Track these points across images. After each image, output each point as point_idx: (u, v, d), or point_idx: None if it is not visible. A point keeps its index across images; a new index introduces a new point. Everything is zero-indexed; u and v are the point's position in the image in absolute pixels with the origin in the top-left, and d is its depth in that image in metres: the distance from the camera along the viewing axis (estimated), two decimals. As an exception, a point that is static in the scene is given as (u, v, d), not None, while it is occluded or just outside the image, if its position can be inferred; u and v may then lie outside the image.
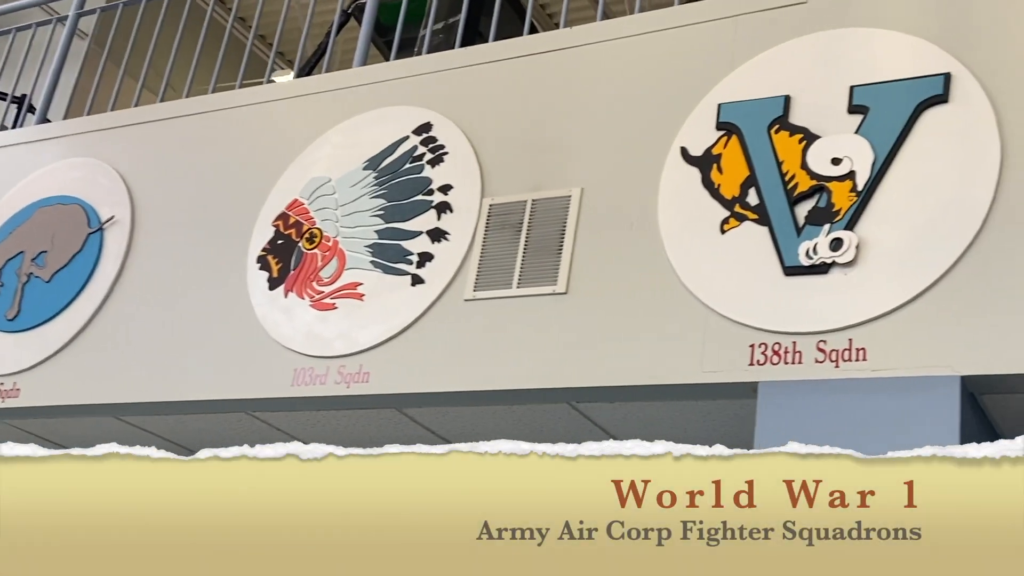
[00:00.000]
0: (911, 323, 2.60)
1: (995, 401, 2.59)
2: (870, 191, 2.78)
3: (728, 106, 3.09)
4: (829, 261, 2.74)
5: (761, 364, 2.74)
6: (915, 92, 2.83)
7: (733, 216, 2.95)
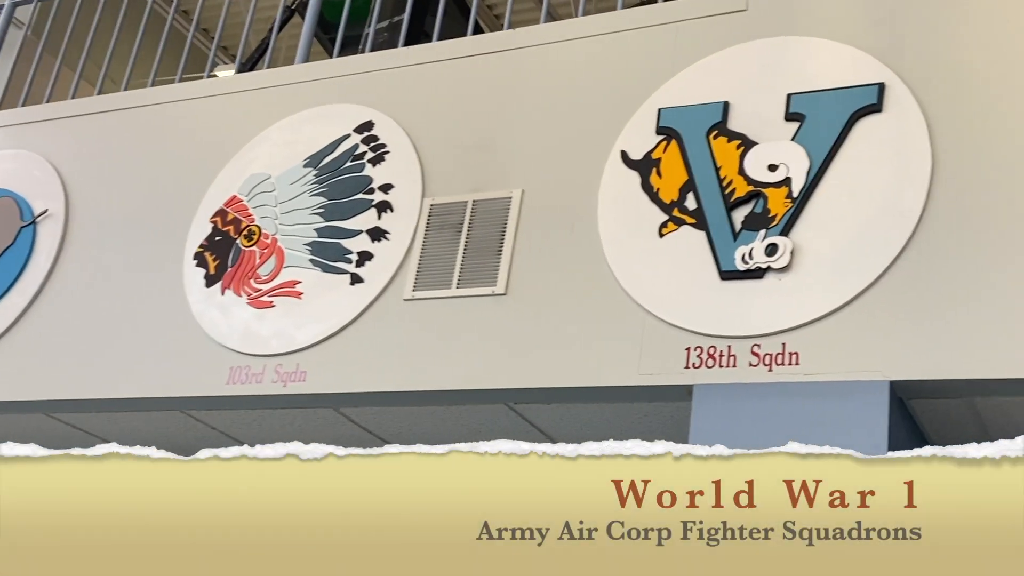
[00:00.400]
0: (843, 328, 2.65)
1: (922, 406, 2.64)
2: (805, 198, 2.82)
3: (668, 111, 3.12)
4: (764, 266, 2.78)
5: (696, 367, 2.77)
6: (850, 101, 2.87)
7: (671, 220, 2.97)
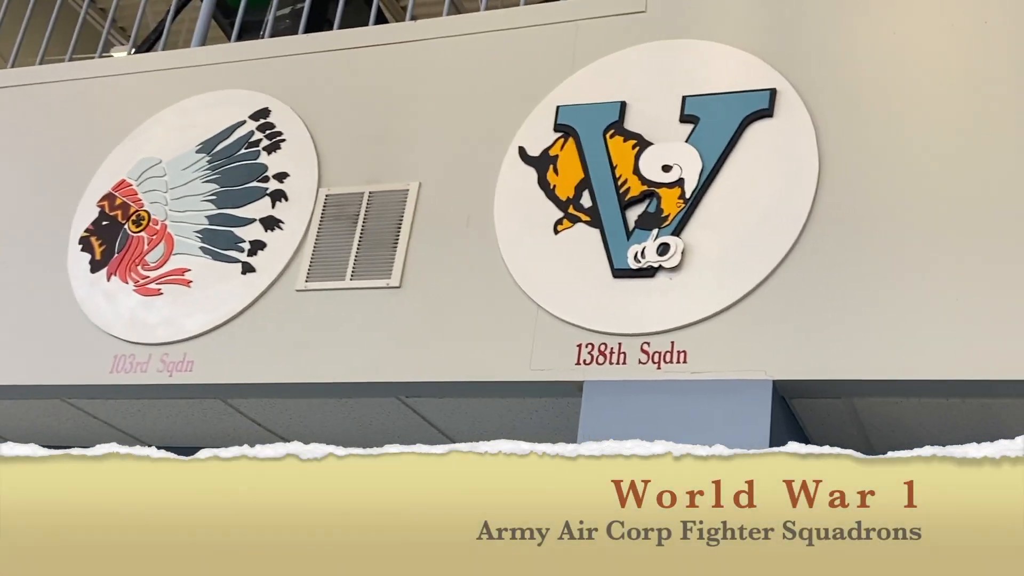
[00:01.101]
0: (729, 328, 2.70)
1: (804, 405, 2.71)
2: (697, 199, 2.87)
3: (567, 109, 3.14)
4: (656, 265, 2.82)
5: (587, 364, 2.79)
6: (743, 105, 2.93)
7: (567, 217, 2.99)
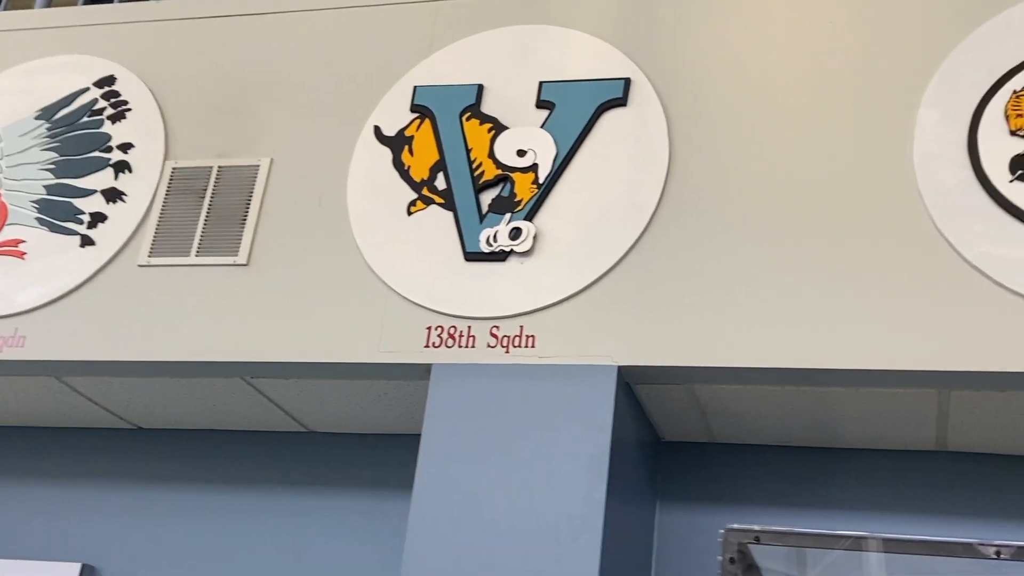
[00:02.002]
0: (578, 313, 2.72)
1: (647, 391, 2.75)
2: (551, 184, 2.88)
3: (423, 89, 3.11)
4: (508, 249, 2.82)
5: (436, 347, 2.77)
6: (597, 93, 2.95)
7: (420, 199, 2.97)
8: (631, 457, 2.74)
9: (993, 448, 2.77)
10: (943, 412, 2.64)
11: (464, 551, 2.50)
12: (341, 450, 3.24)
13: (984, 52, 2.71)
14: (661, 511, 2.97)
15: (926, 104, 2.71)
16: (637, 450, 2.81)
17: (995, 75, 2.68)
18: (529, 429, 2.62)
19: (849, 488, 2.90)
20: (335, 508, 3.15)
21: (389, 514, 3.03)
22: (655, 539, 2.92)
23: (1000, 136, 2.61)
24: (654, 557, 2.89)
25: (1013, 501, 2.77)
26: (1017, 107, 2.61)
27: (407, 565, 2.51)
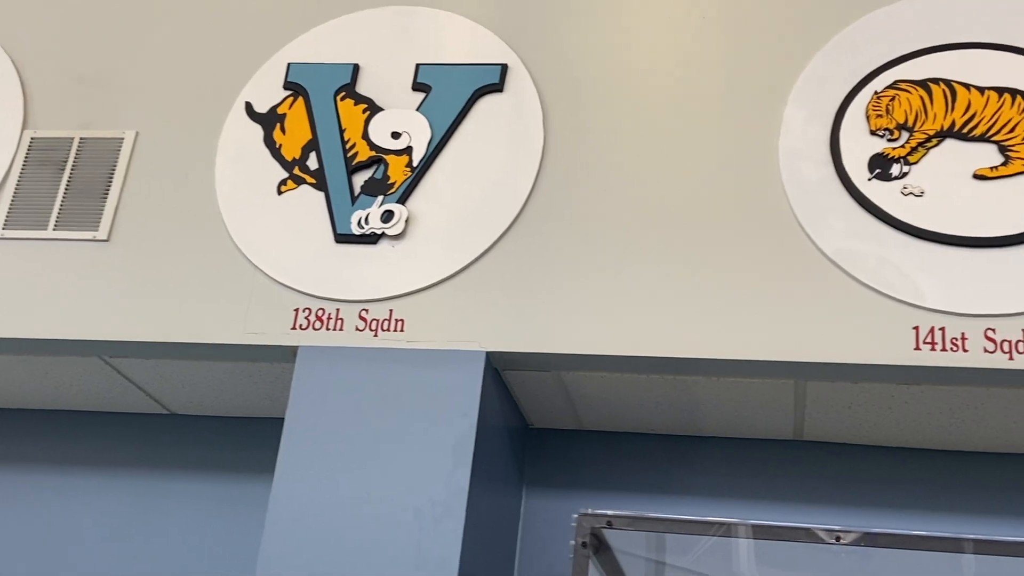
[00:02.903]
0: (447, 299, 2.71)
1: (516, 377, 2.76)
2: (424, 168, 2.86)
3: (298, 67, 3.05)
4: (379, 232, 2.79)
5: (304, 329, 2.73)
6: (474, 78, 2.94)
7: (291, 178, 2.91)
8: (497, 443, 2.75)
9: (847, 438, 2.87)
10: (800, 402, 2.72)
11: (323, 536, 2.47)
12: (203, 433, 3.17)
13: (848, 54, 2.79)
14: (527, 496, 2.98)
15: (792, 102, 2.77)
16: (504, 436, 2.82)
17: (858, 76, 2.76)
18: (395, 414, 2.60)
19: (710, 475, 2.96)
20: (195, 492, 3.08)
21: (251, 498, 2.97)
22: (520, 524, 2.94)
23: (861, 135, 2.69)
24: (519, 542, 2.91)
25: (865, 489, 2.87)
26: (877, 108, 2.69)
27: (265, 549, 2.47)
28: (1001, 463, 2.80)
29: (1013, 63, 2.68)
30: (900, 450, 2.86)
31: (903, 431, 2.76)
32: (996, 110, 2.62)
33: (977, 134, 2.62)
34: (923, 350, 2.46)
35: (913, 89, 2.69)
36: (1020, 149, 2.57)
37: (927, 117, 2.66)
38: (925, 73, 2.72)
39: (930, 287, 2.49)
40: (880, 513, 2.83)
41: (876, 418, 2.72)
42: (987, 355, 2.42)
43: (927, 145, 2.64)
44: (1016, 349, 2.41)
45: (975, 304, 2.46)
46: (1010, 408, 2.57)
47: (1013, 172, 2.56)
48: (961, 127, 2.63)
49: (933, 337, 2.46)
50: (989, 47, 2.71)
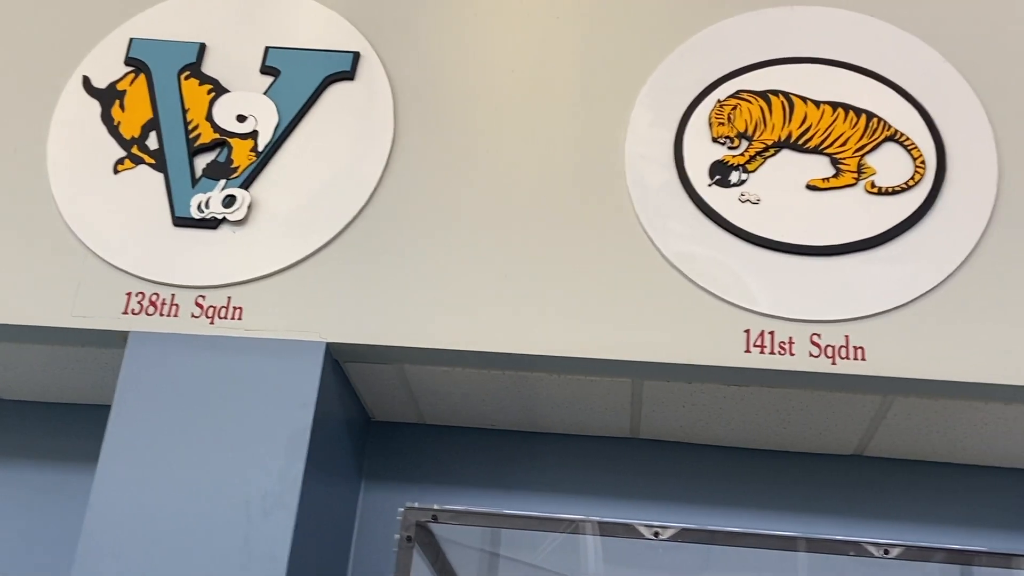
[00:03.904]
0: (288, 288, 2.66)
1: (357, 369, 2.73)
2: (270, 153, 2.80)
3: (141, 43, 2.94)
4: (220, 217, 2.71)
5: (136, 313, 2.64)
6: (325, 64, 2.89)
7: (129, 157, 2.81)
8: (336, 435, 2.71)
9: (682, 436, 2.94)
10: (637, 401, 2.77)
11: (147, 527, 2.39)
12: (26, 419, 3.02)
13: (695, 60, 2.86)
14: (366, 490, 2.95)
15: (640, 105, 2.82)
16: (343, 428, 2.78)
17: (702, 84, 2.83)
18: (229, 403, 2.54)
19: (550, 471, 2.99)
20: (16, 481, 2.94)
21: (75, 488, 2.85)
22: (357, 518, 2.91)
23: (703, 142, 2.76)
24: (355, 536, 2.88)
25: (697, 487, 2.94)
26: (720, 116, 2.77)
27: (84, 541, 2.37)
28: (827, 464, 2.92)
29: (847, 79, 2.79)
30: (733, 449, 2.95)
31: (735, 431, 2.85)
32: (830, 124, 2.73)
33: (811, 146, 2.72)
34: (753, 353, 2.54)
35: (754, 99, 2.78)
36: (850, 162, 2.68)
37: (766, 127, 2.75)
38: (766, 85, 2.81)
39: (762, 292, 2.58)
40: (714, 511, 2.91)
41: (709, 418, 2.80)
42: (812, 359, 2.51)
43: (765, 154, 2.72)
44: (839, 354, 2.51)
45: (803, 310, 2.55)
46: (834, 411, 2.68)
47: (843, 184, 2.67)
48: (797, 138, 2.73)
49: (763, 340, 2.55)
50: (826, 63, 2.82)
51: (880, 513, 2.86)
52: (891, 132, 2.72)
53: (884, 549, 1.76)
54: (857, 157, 2.69)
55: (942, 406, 2.59)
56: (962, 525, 2.83)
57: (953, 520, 2.84)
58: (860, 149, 2.70)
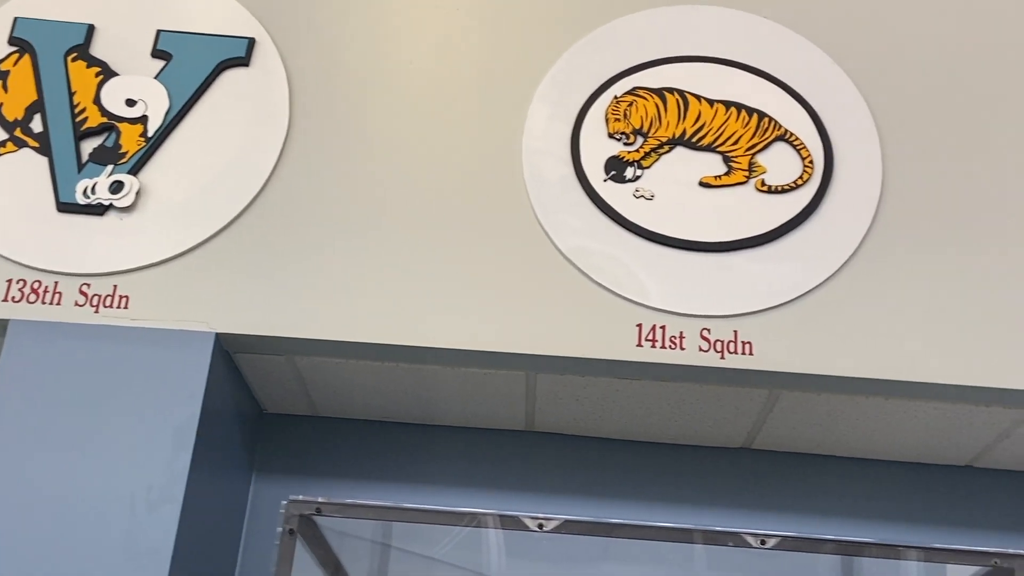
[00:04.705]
0: (177, 276, 2.60)
1: (247, 360, 2.69)
2: (160, 139, 2.73)
3: (25, 22, 2.85)
4: (107, 203, 2.64)
5: (16, 301, 2.55)
6: (219, 50, 2.84)
7: (12, 140, 2.72)
8: (225, 427, 2.66)
9: (576, 430, 2.96)
10: (531, 394, 2.78)
11: (27, 522, 2.31)
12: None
13: (593, 56, 2.88)
14: (257, 483, 2.91)
15: (538, 99, 2.83)
16: (233, 420, 2.74)
17: (601, 79, 2.85)
18: (114, 394, 2.47)
19: (445, 464, 2.98)
20: None
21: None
22: (247, 511, 2.86)
23: (600, 137, 2.78)
24: (244, 529, 2.83)
25: (591, 480, 2.97)
26: (616, 112, 2.79)
27: (-43, 538, 2.29)
28: (716, 457, 2.97)
29: (740, 79, 2.84)
30: (626, 442, 2.98)
31: (628, 424, 2.88)
32: (723, 122, 2.78)
33: (705, 144, 2.76)
34: (644, 347, 2.57)
35: (650, 96, 2.81)
36: (742, 160, 2.73)
37: (661, 124, 2.78)
38: (662, 82, 2.84)
39: (654, 287, 2.61)
40: (608, 503, 2.94)
41: (602, 411, 2.82)
42: (702, 354, 2.56)
43: (659, 151, 2.76)
44: (728, 349, 2.56)
45: (693, 305, 2.59)
46: (722, 404, 2.73)
47: (734, 182, 2.72)
48: (691, 136, 2.77)
49: (654, 335, 2.58)
50: (720, 62, 2.87)
51: (767, 504, 2.92)
52: (781, 132, 2.77)
53: (761, 539, 1.79)
54: (749, 156, 2.74)
55: (825, 400, 2.65)
56: (846, 516, 2.91)
57: (837, 512, 2.91)
58: (751, 148, 2.75)
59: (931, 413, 2.66)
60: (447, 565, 2.80)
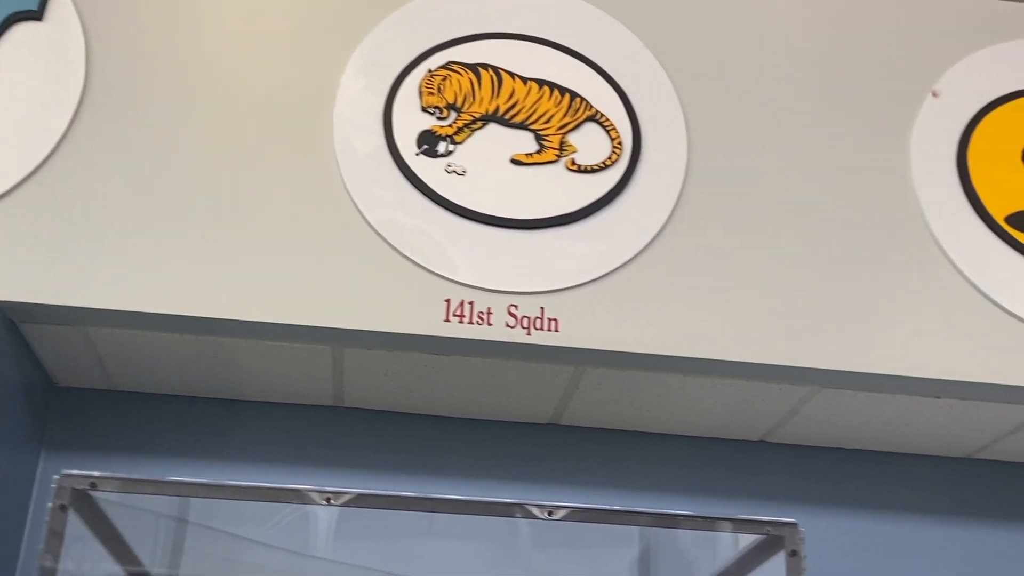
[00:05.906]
0: (-44, 240, 2.44)
1: (35, 330, 2.55)
2: (-58, 93, 2.56)
3: None
4: None
5: None
6: (9, 2, 2.67)
7: None
8: (9, 401, 2.52)
9: (386, 405, 2.94)
10: (338, 369, 2.74)
11: None
12: None
13: (409, 28, 2.85)
14: (46, 459, 2.77)
15: (351, 69, 2.78)
16: (19, 393, 2.60)
17: (415, 52, 2.82)
18: None
19: (250, 440, 2.91)
20: None
21: None
22: (35, 488, 2.72)
23: (413, 111, 2.75)
24: (31, 506, 2.69)
25: (402, 455, 2.95)
26: (430, 86, 2.77)
27: None
28: (524, 432, 3.00)
29: (555, 59, 2.86)
30: (436, 418, 2.98)
31: (437, 399, 2.88)
32: (536, 100, 2.79)
33: (517, 121, 2.77)
34: (452, 322, 2.56)
35: (464, 72, 2.80)
36: (553, 139, 2.76)
37: (475, 100, 2.77)
38: (477, 58, 2.83)
39: (463, 262, 2.61)
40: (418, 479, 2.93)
41: (411, 386, 2.81)
42: (508, 330, 2.57)
43: (472, 127, 2.75)
44: (534, 325, 2.58)
45: (501, 281, 2.60)
46: (530, 380, 2.75)
47: (545, 160, 2.74)
48: (504, 112, 2.77)
49: (462, 310, 2.58)
50: (536, 40, 2.88)
51: (574, 479, 2.98)
52: (592, 112, 2.81)
53: (548, 511, 1.82)
54: (560, 135, 2.77)
55: (628, 377, 2.71)
56: (650, 490, 3.00)
57: (641, 485, 3.00)
58: (563, 127, 2.78)
59: (726, 390, 2.75)
60: (252, 542, 2.73)
